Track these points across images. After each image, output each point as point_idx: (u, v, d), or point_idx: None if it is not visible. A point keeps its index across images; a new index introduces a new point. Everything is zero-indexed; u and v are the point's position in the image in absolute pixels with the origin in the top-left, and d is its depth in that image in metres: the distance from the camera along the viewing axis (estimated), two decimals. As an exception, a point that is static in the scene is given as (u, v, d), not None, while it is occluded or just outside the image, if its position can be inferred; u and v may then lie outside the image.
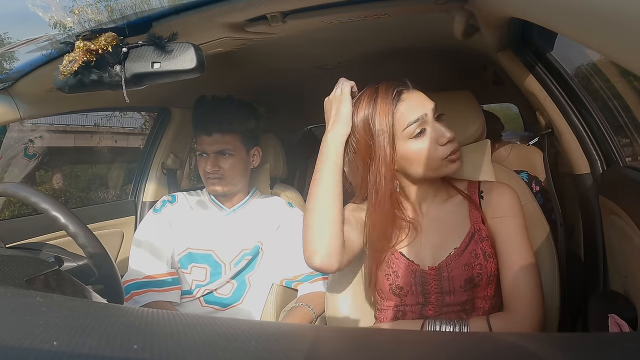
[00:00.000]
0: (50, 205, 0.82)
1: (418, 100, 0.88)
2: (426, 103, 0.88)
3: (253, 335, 0.32)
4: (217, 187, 1.34)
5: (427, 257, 0.93)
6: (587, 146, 1.06)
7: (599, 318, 0.86)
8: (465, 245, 0.91)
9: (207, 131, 1.31)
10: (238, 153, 1.35)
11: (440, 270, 0.90)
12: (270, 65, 1.41)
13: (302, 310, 1.24)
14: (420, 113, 0.86)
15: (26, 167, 4.18)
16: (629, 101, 1.21)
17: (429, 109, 0.87)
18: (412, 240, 0.94)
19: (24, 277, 0.66)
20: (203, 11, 0.82)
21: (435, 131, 0.86)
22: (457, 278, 0.89)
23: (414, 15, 1.00)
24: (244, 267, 1.34)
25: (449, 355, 0.31)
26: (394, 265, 0.93)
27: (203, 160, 1.34)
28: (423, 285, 0.91)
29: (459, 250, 0.90)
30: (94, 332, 0.31)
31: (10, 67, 1.10)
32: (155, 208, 1.39)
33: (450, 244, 0.92)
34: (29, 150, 4.18)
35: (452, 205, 0.96)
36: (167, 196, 1.42)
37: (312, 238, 0.86)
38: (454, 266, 0.90)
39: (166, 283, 1.28)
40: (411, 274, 0.92)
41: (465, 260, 0.89)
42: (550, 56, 1.09)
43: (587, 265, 1.10)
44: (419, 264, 0.92)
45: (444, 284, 0.90)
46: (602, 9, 0.37)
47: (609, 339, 0.34)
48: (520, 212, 0.92)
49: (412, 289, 0.92)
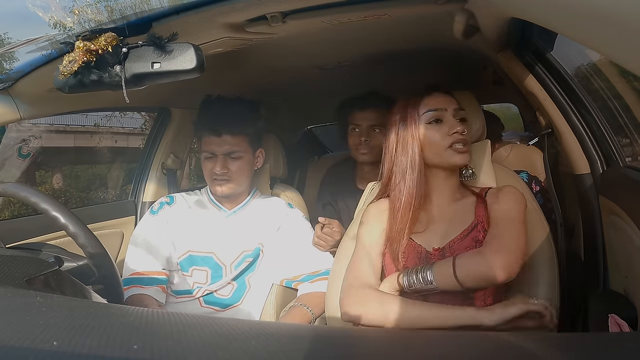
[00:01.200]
0: (50, 205, 0.82)
1: (442, 98, 1.02)
2: (449, 102, 1.02)
3: (253, 335, 0.32)
4: (224, 189, 1.32)
5: (432, 241, 1.00)
6: (587, 146, 1.06)
7: (599, 318, 0.86)
8: (467, 232, 0.97)
9: (217, 132, 1.28)
10: (245, 155, 1.32)
11: (444, 252, 0.96)
12: (271, 65, 1.41)
13: (300, 310, 1.24)
14: (440, 105, 1.01)
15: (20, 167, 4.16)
16: (629, 101, 1.21)
17: (450, 106, 1.01)
18: (424, 229, 1.01)
19: (24, 277, 0.66)
20: (203, 11, 0.82)
21: (449, 124, 0.99)
22: None
23: (414, 15, 1.00)
24: (245, 269, 1.34)
25: (448, 354, 0.31)
26: (405, 250, 0.99)
27: (210, 161, 1.31)
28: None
29: (461, 235, 0.97)
30: (94, 332, 0.31)
31: (10, 67, 1.10)
32: (152, 210, 1.38)
33: (454, 231, 0.99)
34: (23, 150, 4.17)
35: (462, 204, 1.02)
36: (164, 197, 1.41)
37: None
38: (456, 248, 0.96)
39: (155, 281, 1.27)
40: (417, 254, 0.99)
41: (466, 244, 0.96)
42: (550, 56, 1.09)
43: (587, 265, 1.10)
44: (425, 247, 0.99)
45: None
46: (602, 9, 0.36)
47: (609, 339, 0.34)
48: (518, 200, 0.96)
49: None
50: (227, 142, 1.29)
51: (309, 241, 1.34)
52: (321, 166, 2.08)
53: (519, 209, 0.94)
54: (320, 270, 1.31)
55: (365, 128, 1.54)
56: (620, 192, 0.94)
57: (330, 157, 2.33)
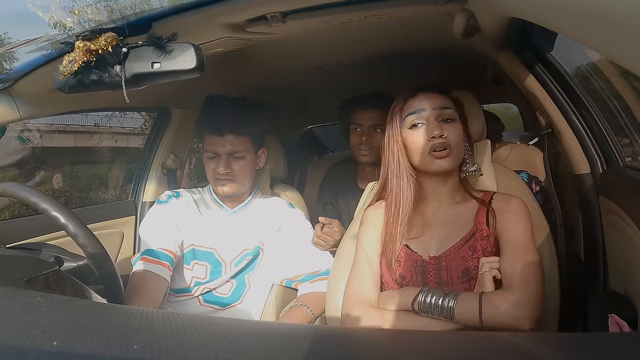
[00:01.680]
0: (50, 205, 0.82)
1: (423, 98, 0.98)
2: (429, 102, 0.97)
3: (253, 335, 0.32)
4: (226, 188, 1.32)
5: (429, 249, 0.98)
6: (587, 146, 1.06)
7: (599, 318, 0.86)
8: (465, 240, 0.96)
9: (220, 132, 1.28)
10: (248, 155, 1.33)
11: (440, 260, 0.95)
12: (271, 65, 1.41)
13: (300, 310, 1.24)
14: (419, 107, 0.97)
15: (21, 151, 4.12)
16: (629, 101, 1.21)
17: (428, 106, 0.97)
18: (420, 235, 1.00)
19: (24, 277, 0.66)
20: (203, 11, 0.82)
21: (430, 127, 0.95)
22: (454, 269, 0.94)
23: (414, 15, 1.00)
24: (244, 267, 1.34)
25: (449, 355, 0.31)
26: (397, 255, 0.98)
27: (213, 161, 1.31)
28: (423, 274, 0.96)
29: (458, 244, 0.95)
30: (94, 332, 0.31)
31: (10, 67, 1.10)
32: (160, 200, 1.38)
33: (451, 239, 0.97)
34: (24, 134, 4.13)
35: (462, 209, 1.00)
36: (171, 191, 1.41)
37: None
38: (452, 257, 0.95)
39: (162, 256, 1.26)
40: (412, 262, 0.97)
41: (463, 253, 0.94)
42: (550, 56, 1.09)
43: (587, 265, 1.10)
44: (421, 254, 0.98)
45: (442, 274, 0.94)
46: (602, 9, 0.36)
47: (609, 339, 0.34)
48: (527, 216, 0.95)
49: (413, 277, 0.96)
50: (230, 142, 1.29)
51: (309, 241, 1.34)
52: (321, 166, 2.09)
53: (530, 227, 0.93)
54: (321, 270, 1.31)
55: (366, 128, 1.54)
56: (620, 192, 0.94)
57: (330, 157, 2.33)
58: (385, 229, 1.01)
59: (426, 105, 0.97)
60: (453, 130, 0.96)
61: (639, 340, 0.34)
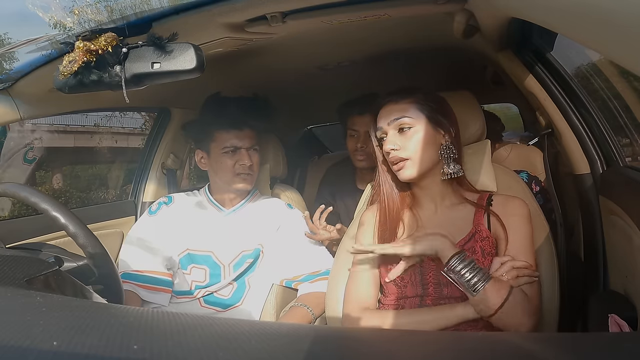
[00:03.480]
0: (50, 205, 0.82)
1: (382, 114, 1.00)
2: (384, 117, 0.99)
3: (253, 335, 0.32)
4: (247, 184, 1.34)
5: None
6: (587, 146, 1.06)
7: (599, 318, 0.86)
8: (464, 242, 0.95)
9: (238, 125, 1.31)
10: (260, 150, 1.39)
11: (438, 263, 0.93)
12: (271, 65, 1.41)
13: (300, 310, 1.24)
14: (379, 124, 1.00)
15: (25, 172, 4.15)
16: (629, 101, 1.21)
17: (384, 122, 0.99)
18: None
19: (24, 277, 0.66)
20: (203, 11, 0.82)
21: (386, 141, 0.98)
22: None
23: (414, 15, 1.00)
24: (245, 271, 1.34)
25: (449, 355, 0.31)
26: (396, 257, 0.97)
27: (231, 156, 1.32)
28: (422, 275, 0.96)
29: (457, 245, 0.94)
30: (94, 332, 0.31)
31: (10, 67, 1.10)
32: (150, 210, 1.39)
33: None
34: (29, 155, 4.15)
35: (460, 210, 1.00)
36: (163, 198, 1.42)
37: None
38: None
39: (156, 281, 1.27)
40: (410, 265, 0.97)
41: None
42: (550, 56, 1.09)
43: (587, 265, 1.10)
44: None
45: (441, 275, 0.93)
46: (602, 9, 0.36)
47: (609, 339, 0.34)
48: (528, 218, 0.95)
49: (412, 278, 0.96)
50: (248, 135, 1.33)
51: (309, 241, 1.34)
52: (321, 166, 2.09)
53: (530, 229, 0.94)
54: (320, 270, 1.31)
55: (362, 134, 1.53)
56: (620, 192, 0.94)
57: (330, 157, 2.33)
58: (377, 233, 1.03)
59: (383, 122, 0.99)
60: (409, 139, 0.96)
61: (639, 340, 0.34)
